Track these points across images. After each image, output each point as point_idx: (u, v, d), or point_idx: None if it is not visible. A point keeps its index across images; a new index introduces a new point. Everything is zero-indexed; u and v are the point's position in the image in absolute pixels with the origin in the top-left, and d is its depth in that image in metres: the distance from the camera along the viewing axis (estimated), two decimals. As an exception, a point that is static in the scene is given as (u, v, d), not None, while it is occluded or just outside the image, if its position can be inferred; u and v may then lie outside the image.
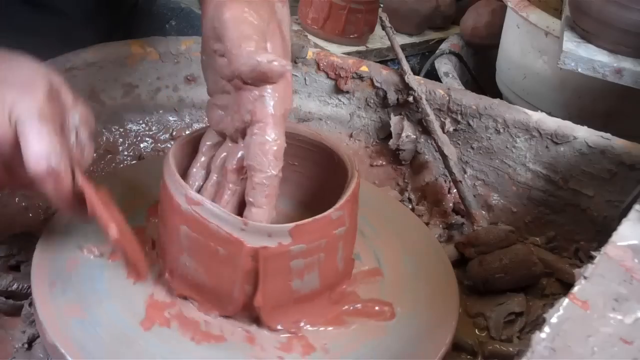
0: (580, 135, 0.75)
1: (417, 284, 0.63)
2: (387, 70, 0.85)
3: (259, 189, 0.53)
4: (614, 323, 0.39)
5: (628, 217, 0.49)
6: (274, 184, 0.53)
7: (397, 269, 0.64)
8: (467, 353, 0.62)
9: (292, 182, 0.68)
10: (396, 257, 0.66)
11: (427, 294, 0.62)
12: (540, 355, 0.37)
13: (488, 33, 1.51)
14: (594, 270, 0.43)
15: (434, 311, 0.60)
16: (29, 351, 0.57)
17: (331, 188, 0.63)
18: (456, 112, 0.81)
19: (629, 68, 0.99)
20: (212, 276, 0.54)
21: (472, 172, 0.82)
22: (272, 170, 0.52)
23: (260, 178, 0.52)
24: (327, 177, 0.65)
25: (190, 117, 0.85)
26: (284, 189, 0.69)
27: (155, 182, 0.59)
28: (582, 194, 0.76)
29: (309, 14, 1.58)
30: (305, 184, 0.68)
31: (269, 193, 0.53)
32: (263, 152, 0.52)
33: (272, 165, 0.52)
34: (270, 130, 0.52)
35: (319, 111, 0.87)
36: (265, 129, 0.52)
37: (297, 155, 0.66)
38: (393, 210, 0.73)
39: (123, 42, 0.80)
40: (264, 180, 0.52)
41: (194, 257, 0.54)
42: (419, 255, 0.66)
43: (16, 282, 0.60)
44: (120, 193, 0.67)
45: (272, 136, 0.52)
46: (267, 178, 0.52)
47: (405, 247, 0.67)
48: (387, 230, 0.69)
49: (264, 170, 0.52)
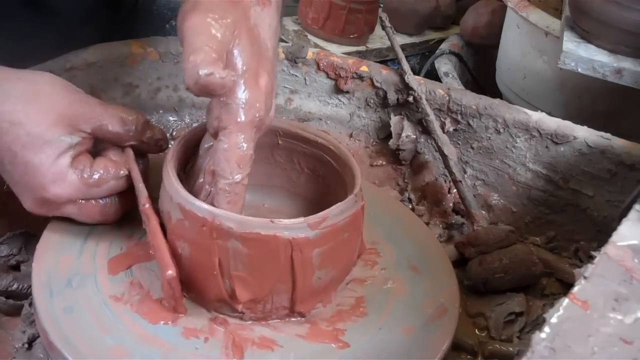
0: (580, 135, 0.75)
1: (417, 284, 0.63)
2: (387, 70, 0.85)
3: (222, 195, 0.53)
4: (614, 323, 0.39)
5: (628, 217, 0.49)
6: (237, 190, 0.53)
7: (397, 269, 0.64)
8: (467, 353, 0.62)
9: (295, 181, 0.68)
10: (396, 257, 0.66)
11: (427, 293, 0.62)
12: (540, 355, 0.37)
13: (488, 33, 1.52)
14: (594, 270, 0.43)
15: (410, 354, 0.57)
16: (29, 351, 0.57)
17: (334, 186, 0.64)
18: (456, 112, 0.81)
19: (629, 68, 0.99)
20: (255, 274, 0.54)
21: (472, 172, 0.82)
22: (235, 177, 0.53)
23: (223, 184, 0.53)
24: (332, 176, 0.65)
25: (190, 117, 0.85)
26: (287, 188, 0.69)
27: (155, 183, 0.59)
28: (582, 194, 0.76)
29: (309, 14, 1.59)
30: (310, 183, 0.68)
31: (230, 199, 0.53)
32: (226, 159, 0.52)
33: (235, 171, 0.52)
34: (235, 136, 0.52)
35: (319, 111, 0.87)
36: (230, 136, 0.52)
37: (301, 155, 0.67)
38: (393, 210, 0.73)
39: (123, 42, 0.80)
40: (227, 186, 0.53)
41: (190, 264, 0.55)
42: (419, 255, 0.66)
43: (16, 282, 0.61)
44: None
45: (235, 142, 0.52)
46: (229, 185, 0.53)
47: (405, 247, 0.67)
48: (387, 230, 0.69)
49: (226, 176, 0.53)
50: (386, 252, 0.66)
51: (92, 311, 0.54)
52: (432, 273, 0.64)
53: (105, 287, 0.56)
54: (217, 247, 0.52)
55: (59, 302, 0.54)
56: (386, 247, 0.67)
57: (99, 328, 0.53)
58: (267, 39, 0.56)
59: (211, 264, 0.53)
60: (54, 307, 0.54)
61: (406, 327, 0.58)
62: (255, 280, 0.54)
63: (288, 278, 0.54)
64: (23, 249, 0.65)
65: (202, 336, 0.54)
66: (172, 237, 0.55)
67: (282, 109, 0.87)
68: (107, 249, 0.60)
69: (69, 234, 0.61)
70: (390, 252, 0.66)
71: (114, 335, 0.52)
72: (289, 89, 0.87)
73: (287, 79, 0.86)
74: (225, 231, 0.52)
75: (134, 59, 0.80)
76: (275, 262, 0.53)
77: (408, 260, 0.65)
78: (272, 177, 0.69)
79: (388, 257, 0.65)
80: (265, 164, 0.68)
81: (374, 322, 0.58)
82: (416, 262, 0.65)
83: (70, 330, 0.52)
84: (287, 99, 0.87)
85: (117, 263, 0.59)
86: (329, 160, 0.65)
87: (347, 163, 0.62)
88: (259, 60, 0.55)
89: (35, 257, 0.58)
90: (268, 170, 0.68)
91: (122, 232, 0.61)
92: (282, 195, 0.69)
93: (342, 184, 0.63)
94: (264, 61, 0.55)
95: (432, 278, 0.64)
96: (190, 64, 0.49)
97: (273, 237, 0.52)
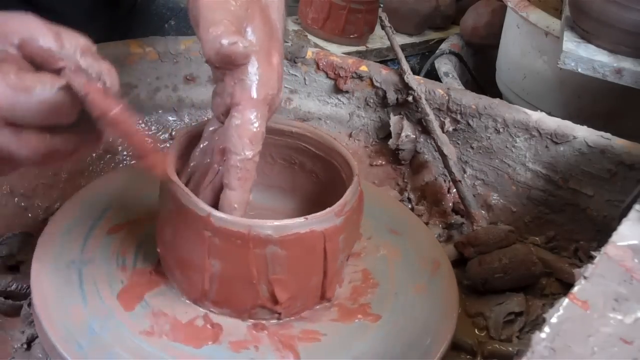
0: (580, 135, 0.75)
1: (404, 245, 0.63)
2: (387, 70, 0.85)
3: (233, 172, 0.52)
4: (614, 323, 0.39)
5: (628, 217, 0.49)
6: (248, 167, 0.53)
7: (381, 235, 0.65)
8: (467, 353, 0.62)
9: (268, 173, 0.68)
10: (396, 257, 0.66)
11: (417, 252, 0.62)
12: (540, 355, 0.36)
13: (488, 33, 1.52)
14: (594, 270, 0.43)
15: (433, 311, 0.60)
16: (28, 351, 0.57)
17: (318, 171, 0.64)
18: (456, 112, 0.81)
19: (629, 68, 0.99)
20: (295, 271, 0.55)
21: (472, 171, 0.82)
22: (247, 153, 0.52)
23: (235, 160, 0.52)
24: (311, 162, 0.66)
25: (190, 117, 0.85)
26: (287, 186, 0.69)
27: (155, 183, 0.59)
28: (582, 194, 0.76)
29: (309, 14, 1.59)
30: (309, 181, 0.68)
31: (241, 176, 0.52)
32: (239, 135, 0.52)
33: (247, 148, 0.52)
34: (248, 112, 0.52)
35: (318, 111, 0.87)
36: (243, 112, 0.52)
37: (273, 146, 0.66)
38: (393, 210, 0.73)
39: (122, 42, 0.80)
40: (238, 162, 0.52)
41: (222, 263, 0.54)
42: (419, 254, 0.66)
43: (15, 282, 0.60)
44: (121, 193, 0.67)
45: (249, 119, 0.52)
46: (241, 161, 0.52)
47: (405, 246, 0.67)
48: (387, 230, 0.69)
49: (238, 152, 0.52)
50: (364, 223, 0.65)
51: (131, 352, 0.51)
52: (409, 233, 0.69)
53: (131, 325, 0.54)
54: (254, 257, 0.52)
55: (93, 352, 0.52)
56: (385, 247, 0.67)
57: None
58: (276, 20, 0.57)
59: (249, 274, 0.53)
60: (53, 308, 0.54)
61: (415, 286, 0.61)
62: (294, 279, 0.54)
63: (321, 269, 0.56)
64: (22, 249, 0.65)
65: (251, 346, 0.54)
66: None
67: (282, 108, 0.87)
68: (109, 286, 0.57)
69: (68, 233, 0.60)
70: (368, 222, 0.66)
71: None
72: (288, 88, 0.87)
73: (286, 78, 0.86)
74: (263, 239, 0.52)
75: (133, 59, 0.80)
76: (311, 257, 0.54)
77: (385, 225, 0.69)
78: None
79: (367, 226, 0.66)
80: None
81: (389, 289, 0.62)
82: (393, 225, 0.69)
83: (69, 330, 0.52)
84: (286, 99, 0.87)
85: (128, 298, 0.56)
86: (306, 147, 0.65)
87: (333, 147, 0.63)
88: (270, 40, 0.55)
89: (34, 257, 0.58)
90: None
91: (112, 265, 0.59)
92: (259, 189, 0.68)
93: (329, 168, 0.64)
94: (275, 42, 0.56)
95: (413, 237, 0.68)
96: (211, 35, 0.49)
97: (310, 234, 0.53)
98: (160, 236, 0.57)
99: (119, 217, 0.64)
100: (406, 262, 0.65)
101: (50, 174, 0.73)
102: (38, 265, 0.57)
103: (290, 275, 0.54)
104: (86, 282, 0.57)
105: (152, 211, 0.60)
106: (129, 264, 0.60)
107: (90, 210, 0.64)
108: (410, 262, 0.65)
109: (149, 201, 0.64)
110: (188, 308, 0.56)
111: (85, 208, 0.64)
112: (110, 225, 0.63)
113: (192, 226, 0.53)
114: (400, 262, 0.65)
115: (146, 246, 0.61)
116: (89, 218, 0.63)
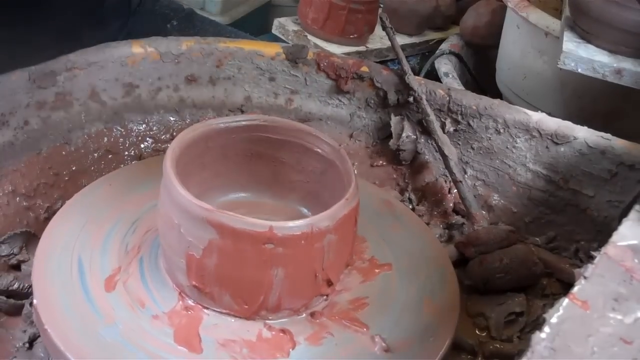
0: (580, 136, 0.75)
1: (417, 284, 0.63)
2: (388, 70, 0.85)
3: None
4: (614, 323, 0.39)
5: (628, 217, 0.49)
6: None
7: (393, 307, 0.63)
8: (467, 353, 0.62)
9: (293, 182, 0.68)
10: (396, 257, 0.66)
11: (427, 293, 0.62)
12: (540, 355, 0.37)
13: (488, 33, 1.52)
14: (594, 270, 0.43)
15: (433, 311, 0.60)
16: (29, 350, 0.57)
17: (329, 184, 0.64)
18: (456, 113, 0.81)
19: (629, 68, 0.99)
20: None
21: (473, 172, 0.82)
22: None
23: None
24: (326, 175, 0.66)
25: (191, 117, 0.85)
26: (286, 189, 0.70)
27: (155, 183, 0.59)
28: (582, 194, 0.76)
29: (309, 14, 1.58)
30: (269, 168, 0.68)
31: None
32: None
33: None
34: None
35: (319, 111, 0.87)
36: None
37: (255, 143, 0.67)
38: (393, 211, 0.73)
39: (124, 42, 0.80)
40: None
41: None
42: (419, 255, 0.67)
43: (17, 281, 0.60)
44: (120, 193, 0.67)
45: None
46: None
47: (406, 247, 0.67)
48: (387, 230, 0.69)
49: None
50: (386, 252, 0.67)
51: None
52: (432, 273, 0.66)
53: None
54: (315, 251, 0.54)
55: (60, 301, 0.54)
56: (386, 247, 0.68)
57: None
58: None
59: (311, 270, 0.55)
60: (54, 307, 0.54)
61: (406, 327, 0.60)
62: (340, 258, 0.57)
63: (352, 240, 0.59)
64: (24, 248, 0.65)
65: (325, 334, 0.56)
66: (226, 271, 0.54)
67: (283, 109, 0.87)
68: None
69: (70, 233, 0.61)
70: (390, 252, 0.67)
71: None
72: (289, 89, 0.87)
73: (287, 79, 0.86)
74: (323, 231, 0.54)
75: (135, 59, 0.80)
76: (351, 233, 0.58)
77: (408, 260, 0.67)
78: (220, 176, 0.67)
79: (388, 256, 0.67)
80: (206, 169, 0.66)
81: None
82: (416, 262, 0.67)
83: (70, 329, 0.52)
84: (287, 99, 0.87)
85: (188, 340, 0.55)
86: (264, 136, 0.66)
87: (291, 127, 0.65)
88: None
89: (36, 256, 0.58)
90: (214, 173, 0.67)
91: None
92: (237, 189, 0.69)
93: (293, 148, 0.66)
94: None
95: (432, 278, 0.65)
96: None
97: (350, 212, 0.56)
98: (195, 270, 0.55)
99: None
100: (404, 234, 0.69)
101: (51, 173, 0.73)
102: (40, 265, 0.57)
103: (338, 256, 0.56)
104: (89, 281, 0.57)
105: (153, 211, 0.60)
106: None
107: (91, 210, 0.64)
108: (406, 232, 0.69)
109: (149, 202, 0.65)
110: (247, 326, 0.56)
111: (86, 208, 0.65)
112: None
113: (248, 246, 0.52)
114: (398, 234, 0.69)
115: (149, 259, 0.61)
116: (90, 218, 0.63)
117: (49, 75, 0.73)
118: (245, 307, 0.55)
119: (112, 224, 0.63)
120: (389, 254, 0.66)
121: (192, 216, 0.53)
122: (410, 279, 0.64)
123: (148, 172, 0.69)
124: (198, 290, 0.55)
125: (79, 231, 0.61)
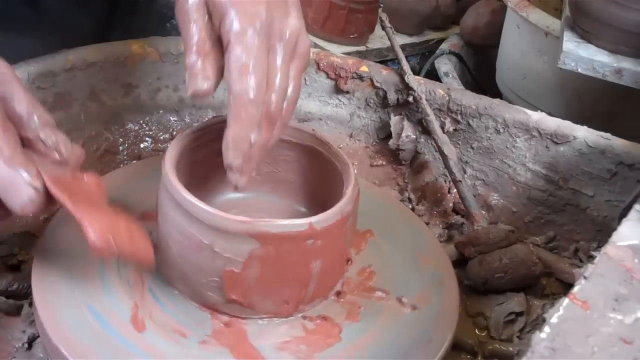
0: (580, 135, 0.75)
1: (417, 284, 0.63)
2: (387, 70, 0.85)
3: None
4: (614, 323, 0.39)
5: (628, 217, 0.49)
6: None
7: (396, 268, 0.65)
8: (467, 353, 0.62)
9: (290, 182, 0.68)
10: (396, 257, 0.66)
11: (426, 293, 0.62)
12: (540, 355, 0.37)
13: (488, 33, 1.52)
14: (594, 270, 0.43)
15: (433, 311, 0.60)
16: (29, 351, 0.57)
17: (326, 184, 0.64)
18: (456, 112, 0.81)
19: (629, 68, 0.99)
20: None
21: (472, 172, 0.82)
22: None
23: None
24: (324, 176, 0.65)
25: (191, 118, 0.85)
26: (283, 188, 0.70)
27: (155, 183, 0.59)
28: (582, 194, 0.76)
29: (309, 14, 1.58)
30: (304, 183, 0.68)
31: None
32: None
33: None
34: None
35: (318, 111, 0.87)
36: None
37: (295, 154, 0.67)
38: (393, 210, 0.73)
39: (123, 42, 0.80)
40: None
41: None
42: (419, 254, 0.67)
43: (16, 281, 0.60)
44: (120, 194, 0.67)
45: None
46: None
47: (405, 246, 0.67)
48: (387, 230, 0.69)
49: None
50: (386, 251, 0.67)
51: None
52: (432, 273, 0.65)
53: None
54: (344, 236, 0.57)
55: (60, 302, 0.54)
56: (386, 247, 0.68)
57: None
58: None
59: (342, 254, 0.58)
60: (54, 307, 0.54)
61: (406, 327, 0.59)
62: (351, 237, 0.61)
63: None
64: (23, 248, 0.65)
65: (356, 309, 0.59)
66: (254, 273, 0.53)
67: (282, 109, 0.87)
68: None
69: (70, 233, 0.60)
70: (390, 252, 0.67)
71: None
72: (289, 89, 0.87)
73: (287, 79, 0.86)
74: (347, 215, 0.56)
75: (134, 59, 0.80)
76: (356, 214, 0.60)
77: (408, 260, 0.67)
78: (216, 176, 0.66)
79: (388, 256, 0.67)
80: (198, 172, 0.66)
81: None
82: (416, 262, 0.67)
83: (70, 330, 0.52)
84: (287, 99, 0.87)
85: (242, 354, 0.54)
86: (322, 159, 0.66)
87: (341, 160, 0.65)
88: None
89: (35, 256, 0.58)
90: (205, 177, 0.67)
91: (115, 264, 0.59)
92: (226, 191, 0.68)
93: (293, 146, 0.66)
94: None
95: (432, 278, 0.64)
96: None
97: (357, 195, 0.58)
98: (235, 285, 0.53)
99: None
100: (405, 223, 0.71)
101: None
102: (39, 265, 0.57)
103: (352, 235, 0.60)
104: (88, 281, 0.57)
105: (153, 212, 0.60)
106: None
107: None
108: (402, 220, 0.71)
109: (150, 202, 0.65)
110: (288, 323, 0.56)
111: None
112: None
113: (290, 247, 0.52)
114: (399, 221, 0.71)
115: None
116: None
117: (48, 76, 0.73)
118: (287, 306, 0.56)
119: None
120: (364, 222, 0.66)
121: (229, 232, 0.51)
122: (395, 240, 0.67)
123: (147, 172, 0.69)
124: (238, 303, 0.54)
125: (79, 231, 0.61)
